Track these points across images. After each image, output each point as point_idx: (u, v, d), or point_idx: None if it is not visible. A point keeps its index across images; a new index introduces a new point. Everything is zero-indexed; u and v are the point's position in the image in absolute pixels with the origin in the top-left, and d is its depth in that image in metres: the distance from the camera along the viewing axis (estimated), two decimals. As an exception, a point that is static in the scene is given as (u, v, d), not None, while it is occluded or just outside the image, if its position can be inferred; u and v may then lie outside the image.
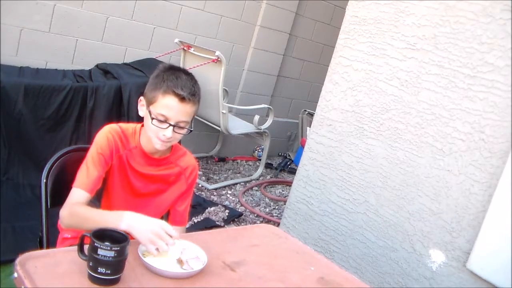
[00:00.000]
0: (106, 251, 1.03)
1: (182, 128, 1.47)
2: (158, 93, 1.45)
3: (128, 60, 3.49)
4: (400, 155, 1.95)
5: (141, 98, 1.52)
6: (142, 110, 1.52)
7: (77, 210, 1.38)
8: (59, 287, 1.02)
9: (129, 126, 1.57)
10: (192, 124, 1.53)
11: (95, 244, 1.04)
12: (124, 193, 1.57)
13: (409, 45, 1.93)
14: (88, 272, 1.05)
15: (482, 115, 1.70)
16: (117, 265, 1.06)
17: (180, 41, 3.58)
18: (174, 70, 1.49)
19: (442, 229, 1.80)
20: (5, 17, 2.88)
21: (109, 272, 1.05)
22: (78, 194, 1.41)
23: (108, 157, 1.48)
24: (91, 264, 1.05)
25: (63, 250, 1.28)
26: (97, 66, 3.30)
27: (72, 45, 3.22)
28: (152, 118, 1.44)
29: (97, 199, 1.58)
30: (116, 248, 1.05)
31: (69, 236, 1.58)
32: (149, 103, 1.47)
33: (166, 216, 1.69)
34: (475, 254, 1.68)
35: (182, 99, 1.42)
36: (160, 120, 1.44)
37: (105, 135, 1.50)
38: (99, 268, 1.04)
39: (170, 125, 1.44)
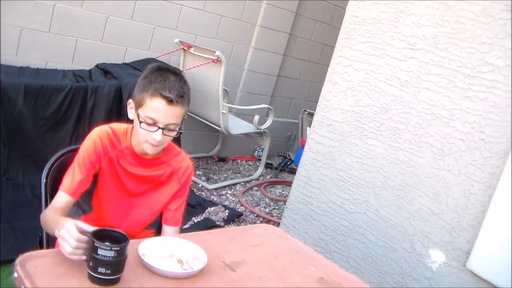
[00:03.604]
0: (106, 251, 1.03)
1: (171, 130, 1.44)
2: (145, 95, 1.41)
3: (128, 60, 3.50)
4: (400, 155, 1.95)
5: (130, 100, 1.49)
6: (131, 113, 1.49)
7: (46, 214, 1.39)
8: (59, 287, 1.02)
9: (120, 126, 1.55)
10: (182, 125, 1.50)
11: (95, 244, 1.04)
12: (116, 194, 1.56)
13: (409, 45, 1.93)
14: (88, 272, 1.05)
15: (482, 115, 1.70)
16: (117, 265, 1.06)
17: (180, 41, 3.58)
18: (162, 71, 1.44)
19: (442, 229, 1.80)
20: (5, 17, 2.88)
21: (109, 272, 1.05)
22: (60, 197, 1.43)
23: (95, 160, 1.47)
24: (91, 264, 1.05)
25: (63, 250, 1.28)
26: (97, 66, 3.30)
27: (72, 45, 3.22)
28: (141, 122, 1.42)
29: (87, 200, 1.58)
30: (116, 248, 1.05)
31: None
32: (138, 106, 1.44)
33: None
34: (475, 254, 1.68)
35: (170, 101, 1.38)
36: (149, 123, 1.41)
37: (93, 139, 1.48)
38: (99, 268, 1.04)
39: (159, 128, 1.40)
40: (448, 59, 1.80)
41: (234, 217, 3.21)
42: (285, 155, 4.90)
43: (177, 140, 3.24)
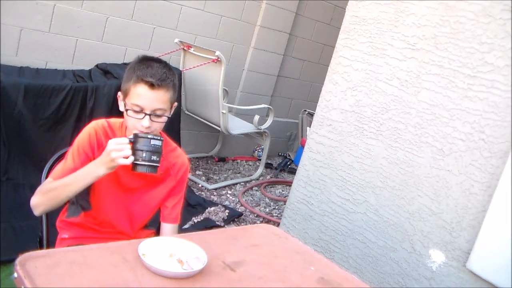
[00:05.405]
0: (157, 141, 1.38)
1: (159, 116, 1.46)
2: (130, 84, 1.45)
3: (128, 60, 3.49)
4: (400, 155, 1.95)
5: (119, 93, 1.53)
6: (121, 105, 1.52)
7: (50, 185, 1.43)
8: (59, 287, 1.02)
9: (116, 121, 1.58)
10: (172, 111, 1.53)
11: (148, 136, 1.37)
12: (112, 188, 1.57)
13: (409, 45, 1.93)
14: (141, 164, 1.36)
15: (482, 115, 1.70)
16: (161, 153, 1.40)
17: (180, 41, 3.58)
18: (146, 60, 1.49)
19: (442, 229, 1.80)
20: (5, 17, 2.88)
21: (158, 159, 1.38)
22: (48, 182, 1.47)
23: (89, 151, 1.49)
24: (144, 156, 1.36)
25: (63, 250, 1.29)
26: (97, 66, 3.30)
27: (72, 45, 3.22)
28: (127, 110, 1.46)
29: (86, 197, 1.58)
30: (161, 138, 1.40)
31: (67, 236, 1.58)
32: (124, 95, 1.48)
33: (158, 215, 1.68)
34: (475, 254, 1.68)
35: (151, 85, 1.42)
36: (136, 111, 1.44)
37: (88, 131, 1.52)
38: (152, 157, 1.36)
39: (146, 114, 1.43)
40: (448, 59, 1.80)
41: (234, 217, 3.21)
42: (285, 155, 4.91)
43: (177, 139, 3.25)
